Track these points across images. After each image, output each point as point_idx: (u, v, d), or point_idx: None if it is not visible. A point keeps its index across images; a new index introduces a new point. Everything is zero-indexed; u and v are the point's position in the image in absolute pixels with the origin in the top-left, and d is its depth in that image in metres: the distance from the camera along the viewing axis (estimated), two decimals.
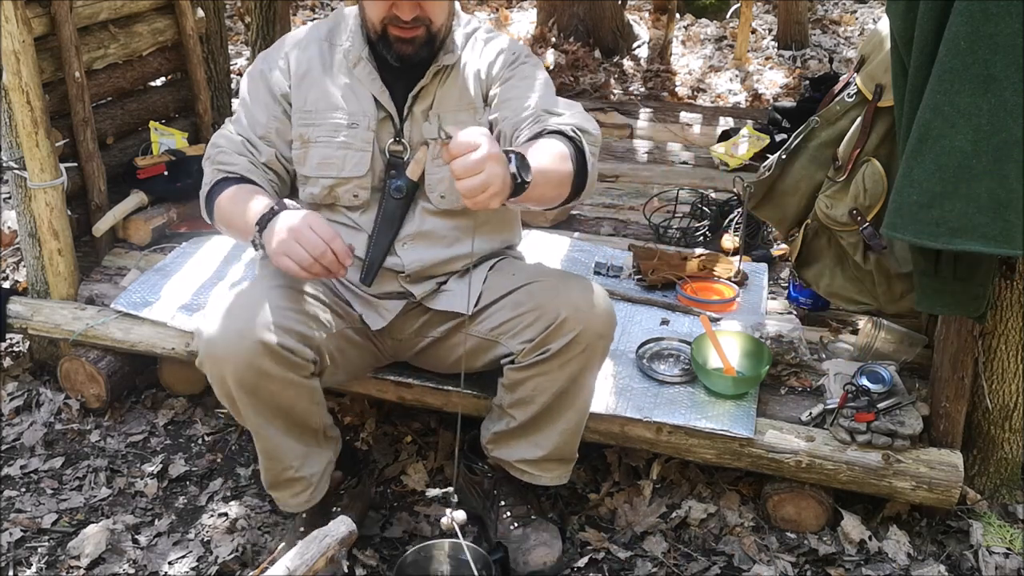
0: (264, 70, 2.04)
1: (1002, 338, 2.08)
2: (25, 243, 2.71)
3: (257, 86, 2.04)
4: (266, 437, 1.95)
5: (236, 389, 1.87)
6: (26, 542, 2.23)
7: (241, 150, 2.01)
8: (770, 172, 2.37)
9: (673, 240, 3.08)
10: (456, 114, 2.00)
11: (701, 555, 2.15)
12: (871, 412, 2.09)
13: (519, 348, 1.96)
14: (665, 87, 5.51)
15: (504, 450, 2.09)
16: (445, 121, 1.98)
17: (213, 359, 1.87)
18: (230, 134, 2.04)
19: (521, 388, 1.98)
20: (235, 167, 1.98)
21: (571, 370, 1.93)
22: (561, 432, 2.03)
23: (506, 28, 6.66)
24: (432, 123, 2.01)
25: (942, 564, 2.10)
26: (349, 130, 1.99)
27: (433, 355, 2.18)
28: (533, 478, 2.09)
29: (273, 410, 1.91)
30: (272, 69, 2.03)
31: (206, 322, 1.88)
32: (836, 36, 6.59)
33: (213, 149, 2.03)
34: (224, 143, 2.03)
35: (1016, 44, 1.50)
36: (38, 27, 2.55)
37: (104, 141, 2.99)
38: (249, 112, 2.04)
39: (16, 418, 2.65)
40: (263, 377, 1.85)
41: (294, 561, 1.59)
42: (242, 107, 2.06)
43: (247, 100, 2.05)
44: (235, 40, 6.14)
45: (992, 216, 1.58)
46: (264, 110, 2.03)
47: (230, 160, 1.99)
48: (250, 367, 1.83)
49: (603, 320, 1.94)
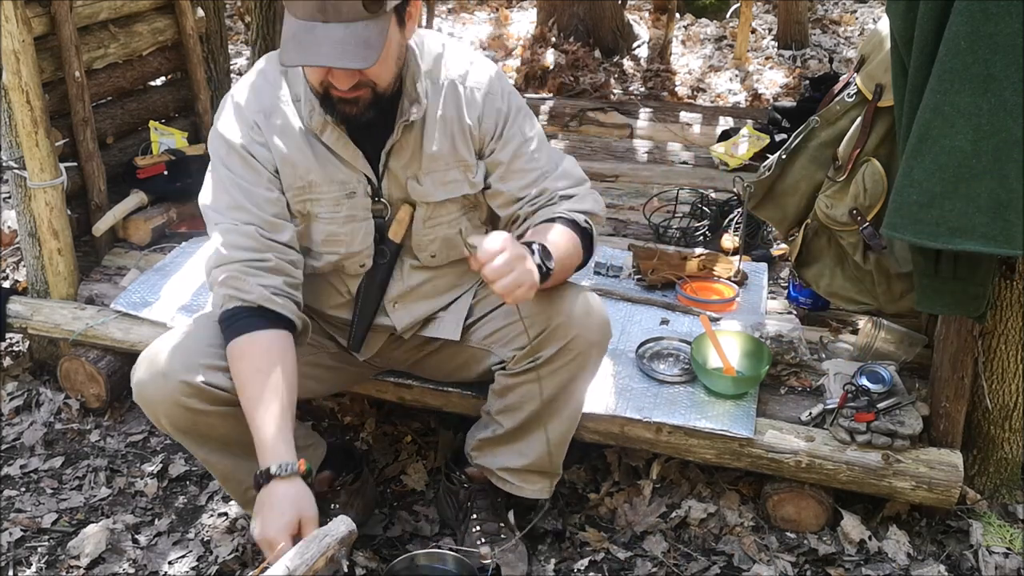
0: (245, 145, 1.82)
1: (1002, 338, 2.08)
2: (25, 243, 2.71)
3: (248, 164, 1.83)
4: (215, 464, 1.93)
5: (171, 430, 1.85)
6: (26, 542, 2.23)
7: (255, 250, 1.80)
8: (770, 172, 2.37)
9: (673, 240, 3.08)
10: (446, 172, 1.89)
11: (701, 555, 2.15)
12: (871, 412, 2.09)
13: (510, 355, 1.94)
14: (665, 87, 5.51)
15: (488, 457, 2.08)
16: (467, 234, 1.82)
17: (144, 402, 1.84)
18: (235, 228, 1.81)
19: (511, 394, 1.97)
20: (250, 295, 1.78)
21: (562, 378, 1.91)
22: (545, 442, 2.00)
23: (506, 28, 6.66)
24: (423, 185, 1.90)
25: (942, 564, 2.10)
26: (349, 200, 1.88)
27: (428, 366, 2.18)
28: (514, 488, 2.06)
29: (218, 440, 1.88)
30: (252, 143, 1.83)
31: (137, 365, 1.86)
32: (836, 36, 6.58)
33: (221, 267, 1.80)
34: (231, 251, 1.80)
35: (1016, 44, 1.50)
36: (38, 27, 2.55)
37: (104, 141, 2.99)
38: (250, 193, 1.82)
39: (16, 418, 2.65)
40: (197, 414, 1.80)
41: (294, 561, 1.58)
42: (237, 192, 1.82)
43: (243, 184, 1.82)
44: (235, 40, 6.14)
45: (992, 216, 1.58)
46: (266, 186, 1.84)
47: (243, 287, 1.78)
48: (179, 406, 1.79)
49: (597, 328, 1.91)
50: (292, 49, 1.62)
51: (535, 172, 1.91)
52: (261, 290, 1.78)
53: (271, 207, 1.84)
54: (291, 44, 1.62)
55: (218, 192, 1.85)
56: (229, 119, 1.85)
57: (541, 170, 1.92)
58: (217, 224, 1.83)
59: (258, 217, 1.82)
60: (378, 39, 1.62)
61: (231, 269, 1.79)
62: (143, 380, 1.83)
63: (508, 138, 1.90)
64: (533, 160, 1.91)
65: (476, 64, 1.91)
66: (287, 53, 1.62)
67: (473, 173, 1.92)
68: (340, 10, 1.58)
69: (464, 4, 7.32)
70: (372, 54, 1.61)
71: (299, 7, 1.60)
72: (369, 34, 1.61)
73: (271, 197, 1.84)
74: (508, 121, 1.90)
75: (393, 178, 1.89)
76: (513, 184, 1.91)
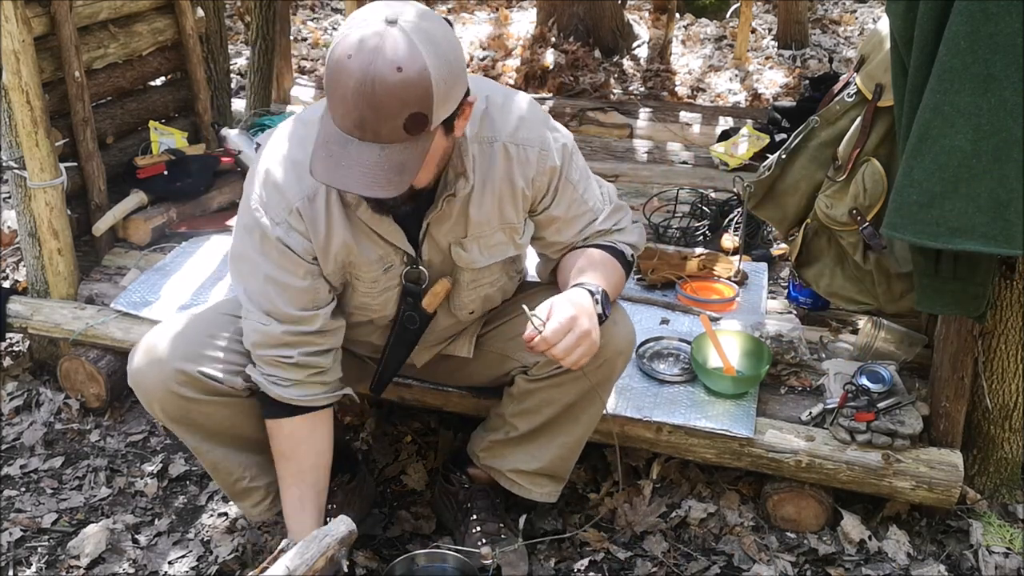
0: (282, 238, 1.70)
1: (1002, 338, 2.08)
2: (25, 243, 2.71)
3: (284, 255, 1.72)
4: (205, 454, 1.94)
5: (163, 417, 1.87)
6: (26, 542, 2.23)
7: (280, 346, 1.76)
8: (770, 172, 2.37)
9: (673, 240, 3.08)
10: (491, 236, 1.82)
11: (701, 555, 2.15)
12: (871, 412, 2.09)
13: (534, 360, 1.92)
14: (665, 87, 5.51)
15: (498, 459, 2.07)
16: (527, 304, 1.68)
17: (138, 389, 1.87)
18: (262, 328, 1.76)
19: (530, 399, 1.96)
20: (271, 391, 1.79)
21: (585, 384, 1.88)
22: (560, 446, 2.00)
23: (506, 28, 6.66)
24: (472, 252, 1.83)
25: (942, 564, 2.10)
26: (386, 275, 1.81)
27: (439, 373, 2.17)
28: (522, 490, 2.06)
29: (210, 430, 1.89)
30: (290, 234, 1.70)
31: (134, 351, 1.88)
32: (836, 36, 6.58)
33: (253, 352, 1.80)
34: (255, 346, 1.79)
35: (1016, 44, 1.50)
36: (38, 27, 2.55)
37: (104, 141, 2.99)
38: (282, 287, 1.73)
39: (16, 418, 2.65)
40: (190, 403, 1.82)
41: (294, 561, 1.59)
42: (269, 285, 1.73)
43: (276, 276, 1.72)
44: (235, 40, 6.14)
45: (992, 216, 1.58)
46: (302, 276, 1.74)
47: (264, 384, 1.80)
48: (172, 395, 1.81)
49: (623, 336, 1.90)
50: (323, 161, 1.51)
51: (588, 216, 1.88)
52: (278, 389, 1.79)
53: (303, 298, 1.76)
54: (323, 154, 1.52)
55: (249, 275, 1.77)
56: (267, 199, 1.71)
57: (593, 212, 1.89)
58: (248, 313, 1.78)
59: (286, 315, 1.75)
60: (415, 162, 1.52)
61: (258, 358, 1.81)
62: (139, 366, 1.85)
63: (562, 192, 1.83)
64: (584, 204, 1.87)
65: (524, 114, 1.78)
66: (317, 164, 1.52)
67: (519, 235, 1.85)
68: (379, 132, 1.47)
69: (464, 4, 7.32)
70: (406, 180, 1.51)
71: (339, 114, 1.49)
72: (406, 158, 1.50)
73: (304, 286, 1.75)
74: (562, 175, 1.82)
75: (434, 244, 1.81)
76: (568, 233, 1.89)
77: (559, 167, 1.80)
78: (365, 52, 1.43)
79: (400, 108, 1.45)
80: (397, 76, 1.43)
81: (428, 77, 1.45)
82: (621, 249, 1.90)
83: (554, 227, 1.88)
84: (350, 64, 1.44)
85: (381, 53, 1.43)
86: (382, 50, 1.43)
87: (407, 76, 1.43)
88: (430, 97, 1.46)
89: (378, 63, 1.43)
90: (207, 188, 3.15)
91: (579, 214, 1.87)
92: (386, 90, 1.43)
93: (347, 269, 1.79)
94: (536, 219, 1.87)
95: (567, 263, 1.88)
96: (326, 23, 7.00)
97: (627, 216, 1.96)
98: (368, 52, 1.43)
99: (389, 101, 1.44)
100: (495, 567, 1.99)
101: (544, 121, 1.82)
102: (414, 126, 1.48)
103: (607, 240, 1.90)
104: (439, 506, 2.23)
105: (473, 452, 2.12)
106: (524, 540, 2.04)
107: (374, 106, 1.44)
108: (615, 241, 1.90)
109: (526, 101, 1.81)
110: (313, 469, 1.88)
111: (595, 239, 1.90)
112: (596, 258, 1.84)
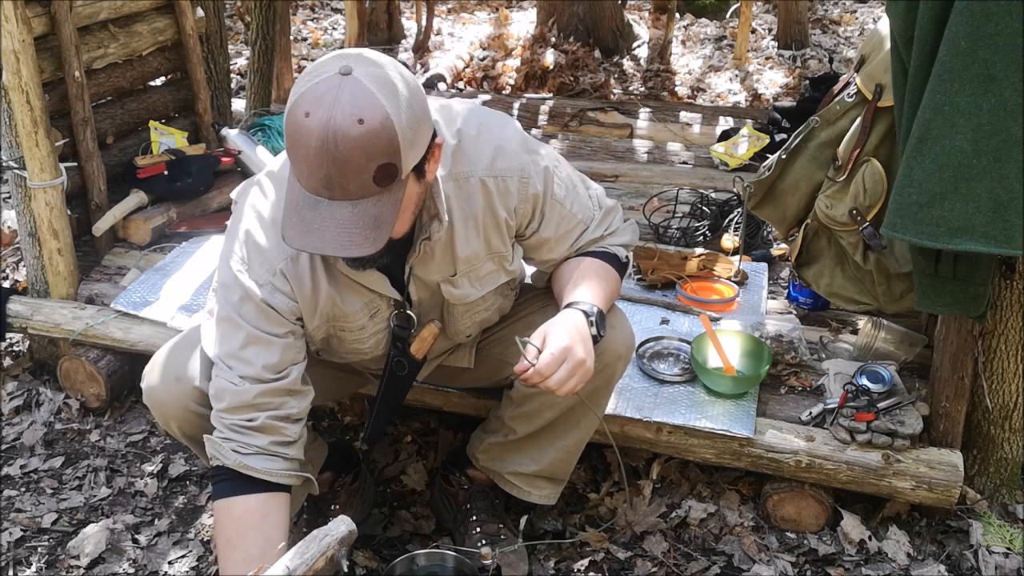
0: (265, 299, 1.65)
1: (1002, 338, 2.08)
2: (25, 243, 2.71)
3: (265, 315, 1.66)
4: None
5: (180, 435, 1.84)
6: (26, 541, 2.23)
7: (245, 408, 1.67)
8: (770, 172, 2.37)
9: (673, 240, 3.08)
10: (481, 267, 1.79)
11: (701, 555, 2.15)
12: (871, 412, 2.09)
13: None
14: (665, 87, 5.52)
15: (497, 461, 2.07)
16: (519, 336, 1.66)
17: (155, 408, 1.83)
18: (231, 387, 1.67)
19: (529, 402, 1.96)
20: (227, 460, 1.68)
21: (586, 389, 1.83)
22: (560, 449, 2.00)
23: (506, 28, 6.66)
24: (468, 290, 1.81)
25: (942, 564, 2.10)
26: (373, 320, 1.79)
27: (441, 377, 2.16)
28: (521, 492, 2.06)
29: None
30: (274, 294, 1.66)
31: (148, 369, 1.84)
32: (836, 36, 6.58)
33: (223, 416, 1.68)
34: (220, 407, 1.68)
35: (1016, 44, 1.50)
36: (38, 27, 2.55)
37: (104, 141, 2.99)
38: (259, 344, 1.67)
39: (16, 418, 2.65)
40: (208, 421, 1.75)
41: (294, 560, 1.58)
42: (245, 345, 1.67)
43: (254, 333, 1.66)
44: (235, 40, 6.15)
45: (992, 216, 1.58)
46: (282, 334, 1.69)
47: (221, 452, 1.68)
48: (190, 413, 1.78)
49: (622, 340, 1.90)
50: (294, 227, 1.46)
51: (578, 228, 1.85)
52: (237, 457, 1.67)
53: (281, 353, 1.68)
54: (294, 219, 1.46)
55: (223, 334, 1.69)
56: (251, 260, 1.66)
57: (583, 223, 1.85)
58: (217, 372, 1.69)
59: (258, 371, 1.67)
60: (390, 214, 1.47)
61: (221, 422, 1.69)
62: (155, 384, 1.81)
63: (549, 213, 1.79)
64: (574, 218, 1.83)
65: (500, 142, 1.72)
66: (288, 230, 1.47)
67: (509, 261, 1.83)
68: (348, 189, 1.42)
69: (464, 4, 7.32)
70: (383, 234, 1.46)
71: (304, 176, 1.44)
72: (380, 211, 1.45)
73: (284, 344, 1.69)
74: (546, 197, 1.77)
75: (421, 283, 1.78)
76: (560, 249, 1.86)
77: (541, 192, 1.76)
78: (323, 108, 1.38)
79: (366, 161, 1.40)
80: (359, 129, 1.38)
81: (392, 126, 1.40)
82: (614, 252, 1.88)
83: (546, 247, 1.85)
84: (309, 122, 1.38)
85: (339, 107, 1.37)
86: (340, 103, 1.38)
87: (370, 127, 1.38)
88: (396, 145, 1.41)
89: (337, 117, 1.37)
90: (207, 188, 3.15)
91: (569, 229, 1.84)
92: (349, 145, 1.38)
93: (332, 323, 1.75)
94: (526, 243, 1.84)
95: (561, 274, 1.87)
96: (326, 23, 7.00)
97: (618, 216, 1.93)
98: (326, 107, 1.38)
99: (354, 156, 1.39)
100: (495, 567, 1.99)
101: (522, 144, 1.75)
102: (384, 177, 1.43)
103: (599, 246, 1.89)
104: (439, 506, 2.23)
105: (472, 454, 2.12)
106: (524, 540, 2.03)
107: (339, 163, 1.39)
108: (607, 246, 1.89)
109: (501, 126, 1.75)
110: (259, 561, 1.63)
111: (588, 247, 1.88)
112: (590, 268, 1.83)
